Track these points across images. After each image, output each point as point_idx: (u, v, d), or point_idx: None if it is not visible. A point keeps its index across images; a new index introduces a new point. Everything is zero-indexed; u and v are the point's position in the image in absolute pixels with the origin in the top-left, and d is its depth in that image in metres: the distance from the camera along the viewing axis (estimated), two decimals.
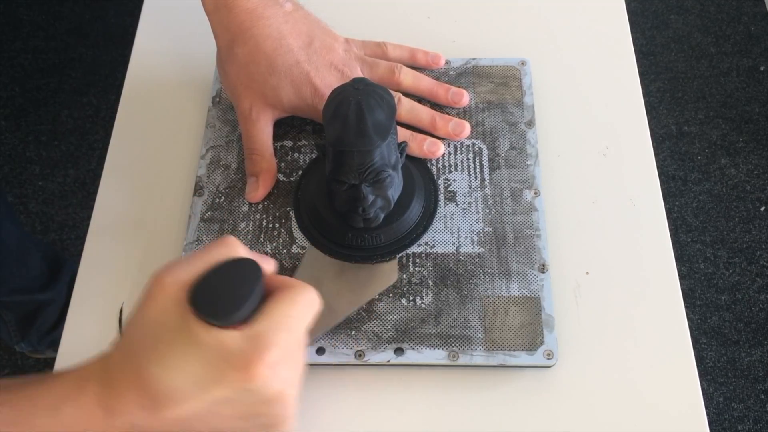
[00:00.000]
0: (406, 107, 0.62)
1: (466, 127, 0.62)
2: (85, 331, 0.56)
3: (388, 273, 0.56)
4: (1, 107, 1.64)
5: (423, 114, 0.62)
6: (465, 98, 0.63)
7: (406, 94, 0.63)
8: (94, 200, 0.62)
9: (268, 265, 0.44)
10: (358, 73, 0.61)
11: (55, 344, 1.26)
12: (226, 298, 0.39)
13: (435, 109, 0.63)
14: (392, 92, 0.60)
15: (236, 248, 0.43)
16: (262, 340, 0.39)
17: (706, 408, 0.52)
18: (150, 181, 0.63)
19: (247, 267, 0.40)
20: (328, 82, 0.59)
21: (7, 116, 1.63)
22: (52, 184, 1.53)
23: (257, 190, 0.59)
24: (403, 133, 0.61)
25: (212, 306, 0.39)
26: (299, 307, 0.41)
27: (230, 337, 0.39)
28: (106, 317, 0.56)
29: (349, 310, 0.54)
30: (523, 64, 0.66)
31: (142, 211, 0.61)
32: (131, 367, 0.39)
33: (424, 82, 0.63)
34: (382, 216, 0.55)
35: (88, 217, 0.61)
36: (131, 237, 0.60)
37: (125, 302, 0.57)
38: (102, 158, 0.64)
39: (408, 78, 0.63)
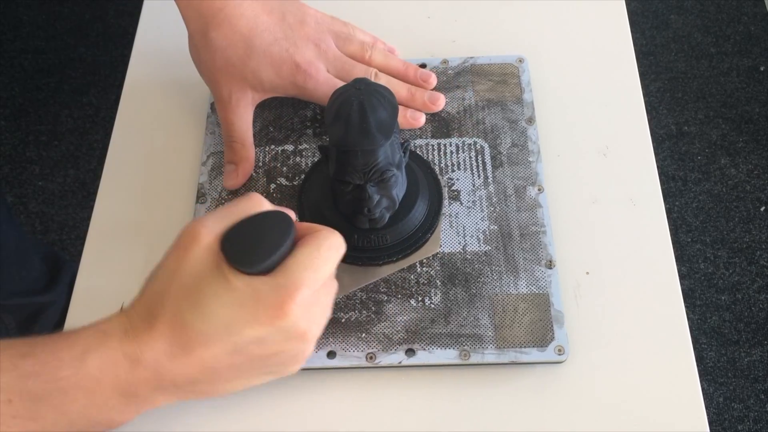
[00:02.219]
0: (383, 81, 0.62)
1: (441, 98, 0.63)
2: None
3: (430, 243, 0.56)
4: (1, 107, 1.64)
5: (400, 88, 0.63)
6: (432, 79, 0.64)
7: None
8: (94, 200, 0.62)
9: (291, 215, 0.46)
10: (332, 46, 0.61)
11: None
12: (258, 248, 0.41)
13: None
14: (368, 67, 0.62)
15: (262, 202, 0.45)
16: (292, 279, 0.41)
17: (706, 408, 0.52)
18: (150, 182, 0.63)
19: (279, 219, 0.42)
20: (307, 58, 0.59)
21: (7, 116, 1.63)
22: (52, 184, 1.53)
23: (236, 178, 0.60)
24: None
25: (244, 254, 0.41)
26: (325, 249, 0.43)
27: (262, 281, 0.41)
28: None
29: (390, 270, 0.55)
30: (520, 61, 0.66)
31: (142, 213, 0.61)
32: (159, 313, 0.41)
33: (393, 62, 0.64)
34: (387, 216, 0.55)
35: (88, 217, 0.61)
36: (132, 239, 0.60)
37: (125, 303, 0.57)
38: (102, 158, 0.64)
39: (378, 57, 0.63)
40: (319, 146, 0.54)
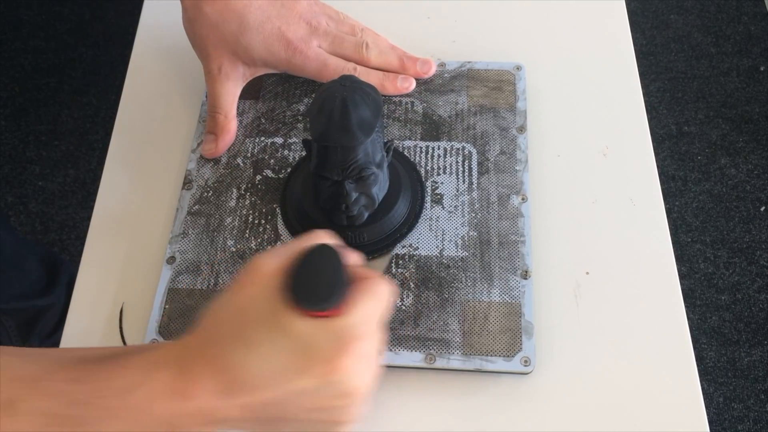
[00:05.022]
0: (375, 52, 0.64)
1: (433, 64, 0.65)
2: (85, 332, 0.56)
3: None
4: (1, 107, 1.64)
5: (392, 57, 0.64)
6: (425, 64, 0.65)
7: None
8: (94, 200, 0.62)
9: (355, 259, 0.45)
10: (324, 25, 0.63)
11: (56, 347, 1.25)
12: (323, 285, 0.39)
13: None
14: (360, 40, 0.63)
15: (323, 238, 0.43)
16: (350, 332, 0.39)
17: (706, 408, 0.52)
18: (151, 179, 0.63)
19: (329, 253, 0.40)
20: (300, 35, 0.61)
21: (7, 116, 1.62)
22: (52, 184, 1.53)
23: (215, 148, 0.61)
24: (376, 74, 0.63)
25: (310, 292, 0.39)
26: (381, 302, 0.42)
27: (320, 328, 0.39)
28: (107, 317, 0.56)
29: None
30: (518, 69, 0.65)
31: (142, 210, 0.61)
32: (213, 351, 0.39)
33: (383, 43, 0.65)
34: (366, 214, 0.55)
35: (88, 217, 0.61)
36: (132, 236, 0.60)
37: (125, 302, 0.57)
38: (102, 158, 0.65)
39: (370, 36, 0.65)
40: (303, 140, 0.55)
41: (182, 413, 0.39)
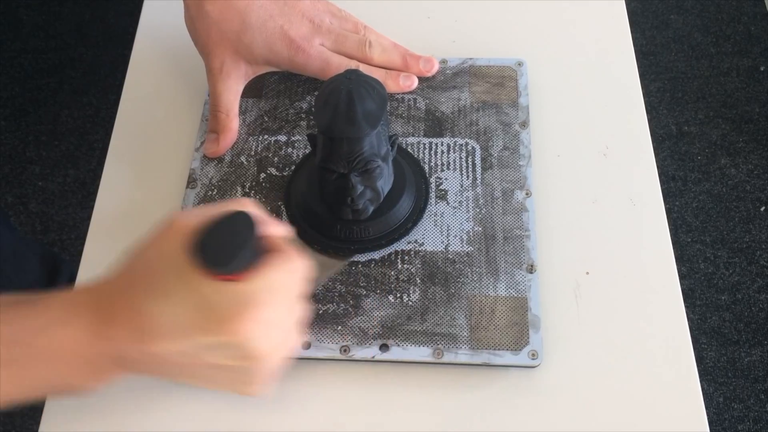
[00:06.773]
0: (378, 50, 0.64)
1: (435, 63, 0.65)
2: None
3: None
4: (1, 107, 1.64)
5: (395, 55, 0.64)
6: (427, 61, 0.65)
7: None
8: (94, 200, 0.62)
9: (280, 231, 0.45)
10: (327, 23, 0.63)
11: None
12: (222, 248, 0.40)
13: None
14: (363, 38, 0.63)
15: (244, 205, 0.44)
16: (253, 297, 0.40)
17: (706, 408, 0.52)
18: (154, 179, 0.63)
19: (244, 220, 0.41)
20: (302, 33, 0.61)
21: (7, 116, 1.63)
22: (52, 184, 1.53)
23: (217, 146, 0.61)
24: (379, 72, 0.63)
25: (213, 254, 0.40)
26: (290, 274, 0.43)
27: (223, 290, 0.40)
28: None
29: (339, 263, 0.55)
30: (519, 64, 0.66)
31: (142, 210, 0.61)
32: (127, 298, 0.41)
33: (386, 41, 0.65)
34: (371, 209, 0.55)
35: (88, 217, 0.61)
36: (131, 236, 0.60)
37: None
38: (102, 158, 0.65)
39: (372, 33, 0.65)
40: (307, 135, 0.55)
41: (103, 353, 0.42)
